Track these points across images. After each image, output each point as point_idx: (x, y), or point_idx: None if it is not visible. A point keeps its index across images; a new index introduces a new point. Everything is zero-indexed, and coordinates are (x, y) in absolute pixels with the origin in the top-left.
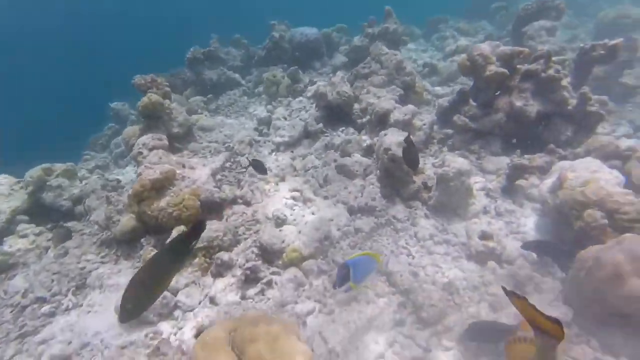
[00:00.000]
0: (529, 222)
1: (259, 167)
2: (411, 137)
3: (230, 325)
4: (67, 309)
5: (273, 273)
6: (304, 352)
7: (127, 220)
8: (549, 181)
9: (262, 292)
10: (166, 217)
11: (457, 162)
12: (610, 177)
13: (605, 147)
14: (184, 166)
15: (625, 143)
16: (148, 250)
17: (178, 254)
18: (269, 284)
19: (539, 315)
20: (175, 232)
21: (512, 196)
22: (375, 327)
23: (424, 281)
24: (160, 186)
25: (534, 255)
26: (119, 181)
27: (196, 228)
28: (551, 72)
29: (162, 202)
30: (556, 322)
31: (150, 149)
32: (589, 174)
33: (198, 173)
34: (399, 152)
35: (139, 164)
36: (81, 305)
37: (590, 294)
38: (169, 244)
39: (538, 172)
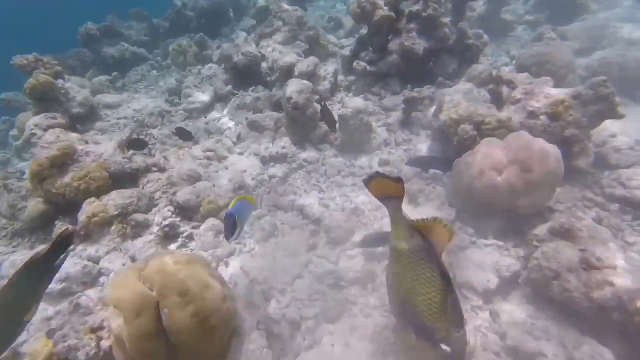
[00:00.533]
0: (424, 148)
1: (184, 134)
2: (325, 102)
3: (139, 266)
4: None
5: (194, 228)
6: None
7: (34, 205)
8: (432, 109)
9: (184, 245)
10: (74, 192)
11: (354, 102)
12: (478, 96)
13: (481, 75)
14: (87, 142)
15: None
16: (59, 225)
17: (41, 272)
18: (190, 237)
19: (384, 181)
20: (85, 206)
21: (409, 128)
22: (291, 254)
23: (333, 209)
24: (60, 163)
25: (426, 173)
26: (23, 173)
27: (62, 242)
28: (430, 11)
29: (66, 179)
30: (398, 180)
31: (45, 129)
32: (461, 96)
33: (104, 147)
34: (300, 99)
35: (33, 146)
36: None
37: (464, 193)
38: (27, 263)
39: (429, 102)
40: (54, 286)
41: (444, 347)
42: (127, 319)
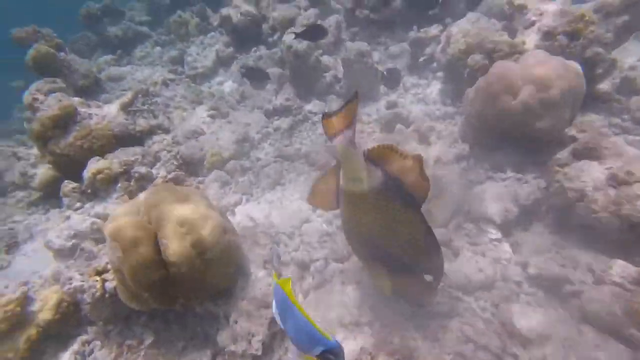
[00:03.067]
0: (434, 90)
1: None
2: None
3: (138, 201)
4: (2, 268)
5: (200, 182)
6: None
7: (44, 172)
8: (440, 45)
9: None
10: (77, 151)
11: (356, 44)
12: (488, 24)
13: (492, 9)
14: (89, 106)
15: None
16: (65, 183)
17: None
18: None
19: (335, 117)
20: (90, 163)
21: (418, 72)
22: (299, 199)
23: None
24: (63, 123)
25: (437, 112)
26: None
27: None
28: None
29: (70, 138)
30: (352, 99)
31: (45, 93)
32: (469, 25)
33: (106, 110)
34: (300, 47)
35: (35, 111)
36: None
37: (477, 123)
38: None
39: (436, 43)
40: (64, 243)
41: (427, 277)
42: (125, 249)
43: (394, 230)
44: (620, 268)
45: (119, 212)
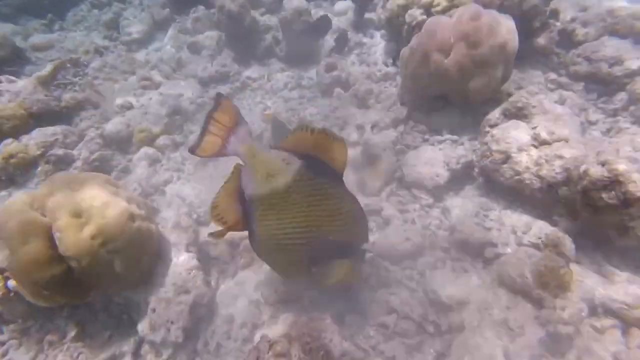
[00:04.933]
0: (377, 50)
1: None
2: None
3: (32, 193)
4: None
5: (129, 161)
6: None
7: None
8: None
9: (117, 179)
10: None
11: (293, 2)
12: None
13: None
14: (0, 81)
15: None
16: None
17: None
18: (126, 169)
19: (216, 117)
20: (1, 147)
21: (363, 30)
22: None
23: None
24: None
25: (378, 73)
26: None
27: None
28: None
29: None
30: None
31: None
32: None
33: (21, 84)
34: (233, 6)
35: None
36: None
37: (412, 84)
38: None
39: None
40: None
41: (368, 253)
42: (13, 247)
43: (329, 210)
44: (538, 229)
45: (8, 206)
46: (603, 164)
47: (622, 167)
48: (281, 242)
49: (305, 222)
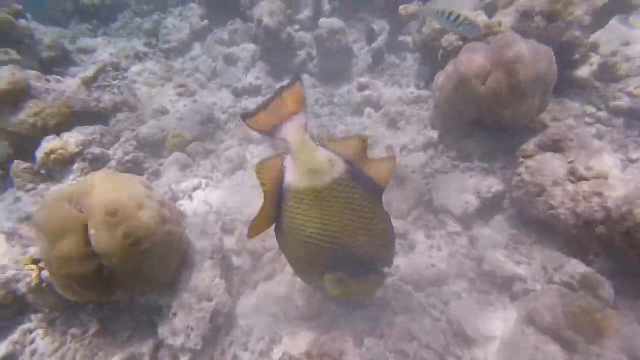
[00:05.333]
0: (410, 72)
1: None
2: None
3: (70, 189)
4: None
5: (160, 165)
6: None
7: (1, 149)
8: (417, 24)
9: (148, 181)
10: (30, 130)
11: (329, 21)
12: (467, 2)
13: None
14: (48, 80)
15: None
16: (16, 163)
17: None
18: (157, 173)
19: (274, 101)
20: (44, 143)
21: (396, 52)
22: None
23: None
24: (13, 100)
25: (410, 95)
26: None
27: None
28: None
29: (21, 116)
30: (294, 81)
31: None
32: (446, 3)
33: (66, 85)
34: (272, 22)
35: None
36: None
37: (446, 109)
38: None
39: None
40: (17, 226)
41: (386, 270)
42: (51, 240)
43: (363, 218)
44: (571, 267)
45: (48, 199)
46: None
47: None
48: (305, 239)
49: (334, 227)
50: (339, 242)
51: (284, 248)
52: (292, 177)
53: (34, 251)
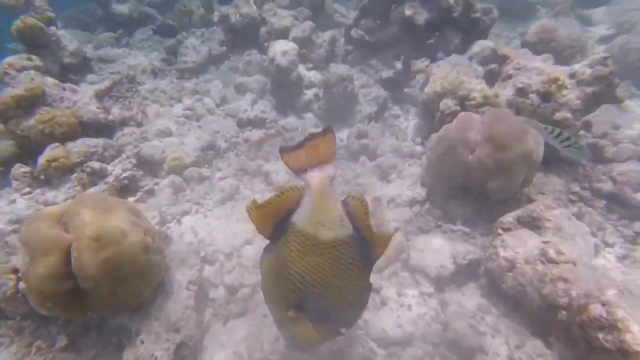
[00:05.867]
0: (410, 125)
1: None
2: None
3: (61, 208)
4: None
5: (156, 184)
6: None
7: (5, 147)
8: (421, 81)
9: (141, 199)
10: (38, 135)
11: (339, 68)
12: (469, 69)
13: (483, 52)
14: (64, 89)
15: (504, 49)
16: (17, 166)
17: None
18: (150, 192)
19: (311, 143)
20: (47, 149)
21: (400, 103)
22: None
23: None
24: (27, 104)
25: (406, 149)
26: None
27: None
28: None
29: (32, 121)
30: (327, 131)
31: (19, 69)
32: (449, 67)
33: (80, 95)
34: (283, 61)
35: (5, 85)
36: None
37: (435, 170)
38: None
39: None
40: (4, 227)
41: (342, 330)
42: (33, 256)
43: (345, 281)
44: (531, 347)
45: (38, 215)
46: (604, 304)
47: (621, 313)
48: (285, 273)
49: (317, 277)
50: (314, 289)
51: (264, 271)
52: (301, 219)
53: (16, 261)
